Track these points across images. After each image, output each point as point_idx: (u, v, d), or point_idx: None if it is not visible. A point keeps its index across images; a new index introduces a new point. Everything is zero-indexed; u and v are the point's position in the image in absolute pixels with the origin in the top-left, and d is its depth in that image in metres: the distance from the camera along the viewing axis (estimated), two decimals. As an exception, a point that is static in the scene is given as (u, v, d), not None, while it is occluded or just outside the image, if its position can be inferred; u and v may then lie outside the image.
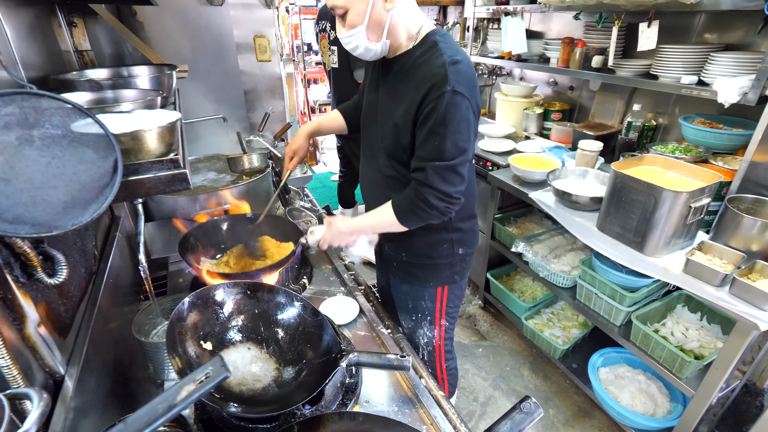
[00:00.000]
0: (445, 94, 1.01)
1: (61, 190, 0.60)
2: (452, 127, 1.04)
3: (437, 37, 1.10)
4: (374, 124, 1.26)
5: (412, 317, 1.47)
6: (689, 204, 1.40)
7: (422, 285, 1.39)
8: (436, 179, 1.08)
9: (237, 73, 2.70)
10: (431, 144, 1.07)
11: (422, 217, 1.15)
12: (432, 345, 1.51)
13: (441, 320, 1.46)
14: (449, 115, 1.03)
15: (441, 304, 1.43)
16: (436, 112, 1.03)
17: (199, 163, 1.90)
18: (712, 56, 1.74)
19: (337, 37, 1.11)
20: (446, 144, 1.05)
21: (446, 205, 1.12)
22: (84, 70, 1.18)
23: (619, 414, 1.79)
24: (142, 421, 0.43)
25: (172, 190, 0.70)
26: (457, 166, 1.09)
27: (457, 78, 1.02)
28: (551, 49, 2.50)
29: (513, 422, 0.69)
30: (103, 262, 1.11)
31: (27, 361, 0.69)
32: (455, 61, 1.04)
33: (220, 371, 0.48)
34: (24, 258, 0.67)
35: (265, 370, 0.97)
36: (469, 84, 1.05)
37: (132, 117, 0.74)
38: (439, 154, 1.06)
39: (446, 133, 1.04)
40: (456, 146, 1.06)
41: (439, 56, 1.05)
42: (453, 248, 1.33)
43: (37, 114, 0.60)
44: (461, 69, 1.04)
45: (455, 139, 1.05)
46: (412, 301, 1.44)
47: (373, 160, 1.31)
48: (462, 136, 1.06)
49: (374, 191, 1.34)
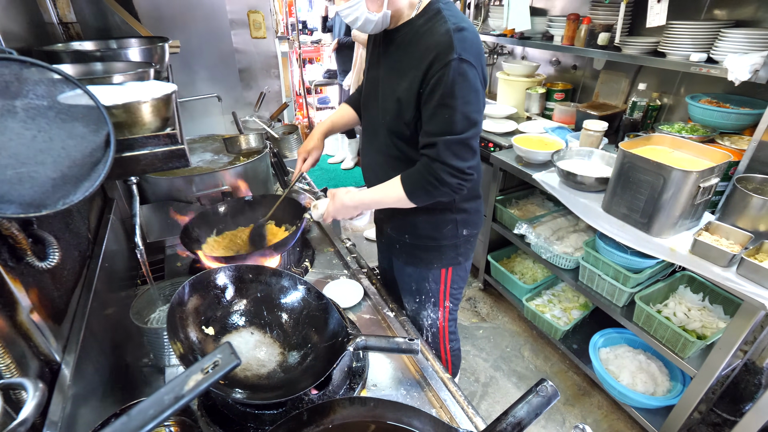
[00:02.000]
0: (452, 62, 0.95)
1: (50, 166, 0.55)
2: (461, 98, 0.99)
3: (441, 5, 1.04)
4: (375, 102, 1.20)
5: (415, 299, 1.45)
6: (698, 184, 1.37)
7: (426, 267, 1.36)
8: (448, 154, 1.03)
9: (231, 51, 2.60)
10: (440, 117, 1.01)
11: (433, 194, 1.10)
12: (436, 327, 1.50)
13: (445, 302, 1.44)
14: (457, 85, 0.97)
15: (445, 286, 1.40)
16: (443, 82, 0.97)
17: (194, 143, 1.84)
18: (722, 33, 1.69)
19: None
20: (456, 116, 1.00)
21: (458, 181, 1.07)
22: (70, 42, 1.11)
23: (619, 393, 1.80)
24: (148, 413, 0.39)
25: (169, 167, 0.65)
26: (468, 140, 1.04)
27: (463, 45, 0.97)
28: (555, 26, 2.42)
29: (530, 406, 0.66)
30: (98, 245, 1.06)
31: (20, 349, 0.65)
32: (460, 28, 0.98)
33: (229, 359, 0.44)
34: (12, 241, 0.63)
35: (269, 355, 0.94)
36: (476, 52, 0.99)
37: (124, 89, 0.68)
38: (450, 127, 1.01)
39: (455, 104, 0.99)
40: (467, 118, 1.01)
41: (443, 24, 0.99)
42: (457, 229, 1.30)
43: (19, 83, 0.54)
44: (467, 36, 0.98)
45: (466, 111, 1.00)
46: (416, 283, 1.41)
47: (374, 138, 1.26)
48: (472, 107, 1.01)
49: (377, 171, 1.29)
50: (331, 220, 1.24)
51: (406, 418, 0.72)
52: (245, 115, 2.38)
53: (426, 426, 0.72)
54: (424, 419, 0.72)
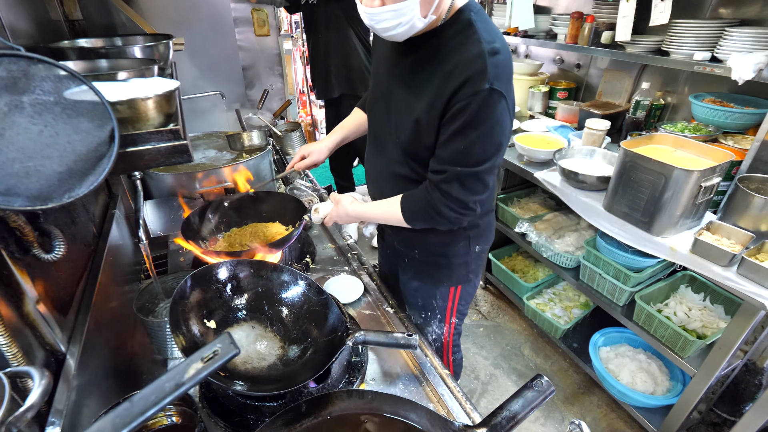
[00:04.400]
0: (482, 92, 0.86)
1: (56, 160, 0.56)
2: (483, 131, 0.90)
3: (473, 15, 0.92)
4: (386, 114, 1.10)
5: (421, 314, 1.39)
6: (700, 183, 1.37)
7: (434, 284, 1.30)
8: (455, 186, 0.96)
9: (235, 49, 2.61)
10: (456, 146, 0.93)
11: (430, 222, 1.05)
12: (440, 341, 1.44)
13: (451, 318, 1.39)
14: (482, 116, 0.89)
15: (453, 303, 1.35)
16: (467, 111, 0.89)
17: (197, 140, 1.85)
18: (726, 31, 1.68)
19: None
20: (474, 149, 0.92)
21: (458, 215, 1.01)
22: (76, 40, 1.12)
23: (619, 392, 1.81)
24: (149, 399, 0.41)
25: (172, 162, 0.66)
26: (482, 173, 0.96)
27: (497, 72, 0.87)
28: (559, 24, 2.42)
29: (525, 400, 0.67)
30: (102, 239, 1.08)
31: (27, 339, 0.67)
32: (495, 51, 0.88)
33: (229, 348, 0.46)
34: (19, 233, 0.64)
35: (270, 349, 0.96)
36: (507, 79, 0.91)
37: (128, 85, 0.70)
38: (464, 158, 0.93)
39: (475, 136, 0.91)
40: (484, 151, 0.93)
41: (476, 42, 0.88)
42: (469, 246, 1.23)
43: (26, 79, 0.56)
44: (501, 61, 0.89)
45: (484, 144, 0.92)
46: (423, 299, 1.36)
47: (383, 153, 1.16)
48: (492, 140, 0.93)
49: (382, 186, 1.20)
50: (331, 224, 1.22)
51: (403, 411, 0.74)
52: (248, 113, 2.40)
53: (422, 419, 0.73)
54: (421, 412, 0.73)
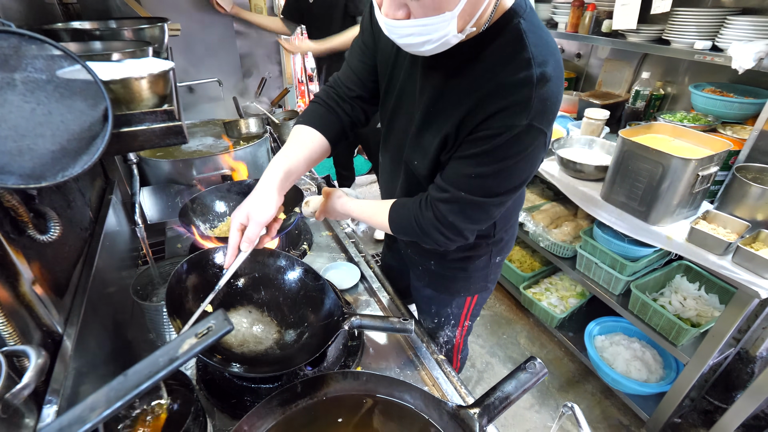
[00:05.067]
0: (516, 128, 0.71)
1: (49, 139, 0.56)
2: (504, 166, 0.76)
3: (522, 23, 0.73)
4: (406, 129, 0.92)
5: (434, 320, 1.32)
6: (697, 172, 1.37)
7: (450, 295, 1.22)
8: (453, 211, 0.83)
9: (232, 36, 2.59)
10: (467, 170, 0.79)
11: (414, 238, 0.94)
12: (452, 343, 1.39)
13: (465, 322, 1.33)
14: (510, 151, 0.74)
15: (468, 311, 1.28)
16: (492, 141, 0.74)
17: (195, 128, 1.84)
18: (728, 20, 1.67)
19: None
20: (487, 181, 0.79)
21: (446, 240, 0.88)
22: (70, 22, 1.11)
23: (613, 380, 1.83)
24: (143, 373, 0.41)
25: (167, 143, 0.66)
26: (489, 206, 0.83)
27: (543, 107, 0.71)
28: (560, 12, 2.39)
29: (518, 381, 0.68)
30: (99, 224, 1.08)
31: (23, 319, 0.67)
32: (545, 78, 0.71)
33: (222, 325, 0.46)
34: (14, 213, 0.64)
35: (266, 333, 0.96)
36: (553, 112, 0.74)
37: (122, 65, 0.69)
38: (472, 186, 0.80)
39: (493, 169, 0.77)
40: (499, 185, 0.80)
41: (525, 64, 0.71)
42: (491, 258, 1.14)
43: (18, 56, 0.55)
44: (551, 91, 0.72)
45: (501, 179, 0.78)
46: (437, 307, 1.28)
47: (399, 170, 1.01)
48: (513, 175, 0.79)
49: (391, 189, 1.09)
50: (323, 218, 1.15)
51: (398, 393, 0.75)
52: (246, 101, 2.39)
53: (417, 400, 0.74)
54: (415, 393, 0.74)
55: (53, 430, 0.38)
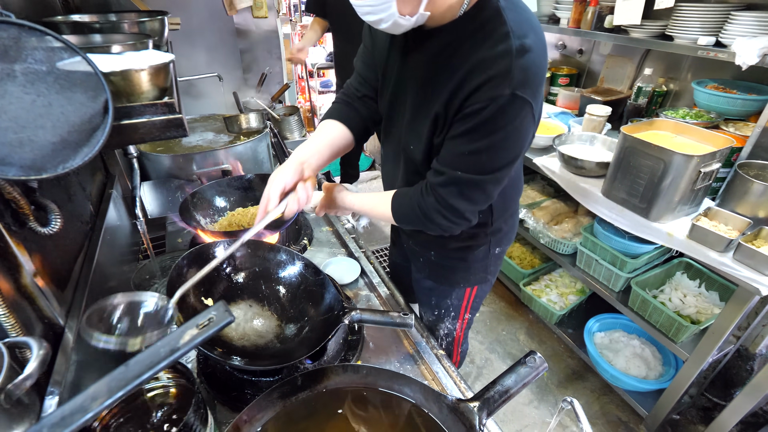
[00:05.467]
0: (501, 98, 0.74)
1: (49, 130, 0.56)
2: (495, 139, 0.79)
3: (500, 2, 0.77)
4: (401, 115, 0.96)
5: (434, 312, 1.34)
6: (699, 169, 1.37)
7: (450, 286, 1.24)
8: (452, 192, 0.85)
9: (232, 31, 2.58)
10: (460, 149, 0.82)
11: (419, 226, 0.95)
12: (452, 336, 1.41)
13: (465, 314, 1.34)
14: (497, 124, 0.77)
15: (468, 302, 1.29)
16: (479, 115, 0.77)
17: (195, 122, 1.84)
18: (732, 15, 1.66)
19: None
20: (481, 157, 0.81)
21: (450, 224, 0.90)
22: (69, 15, 1.11)
23: (612, 376, 1.83)
24: (144, 363, 0.41)
25: (167, 136, 0.66)
26: (485, 183, 0.85)
27: (525, 76, 0.74)
28: (562, 8, 2.38)
29: (518, 375, 0.68)
30: (100, 218, 1.08)
31: (25, 311, 0.68)
32: (525, 49, 0.74)
33: (223, 316, 0.46)
34: (15, 205, 0.64)
35: (267, 327, 0.96)
36: (536, 82, 0.77)
37: (122, 58, 0.69)
38: (466, 164, 0.83)
39: (484, 144, 0.79)
40: (492, 161, 0.82)
41: (503, 37, 0.74)
42: (490, 249, 1.15)
43: (18, 47, 0.55)
44: (531, 61, 0.75)
45: (495, 153, 0.81)
46: (436, 299, 1.30)
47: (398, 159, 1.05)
48: (506, 149, 0.81)
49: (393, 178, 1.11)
50: (323, 214, 1.14)
51: (398, 386, 0.75)
52: (246, 96, 2.38)
53: (416, 393, 0.74)
54: (415, 387, 0.74)
55: (56, 419, 0.38)
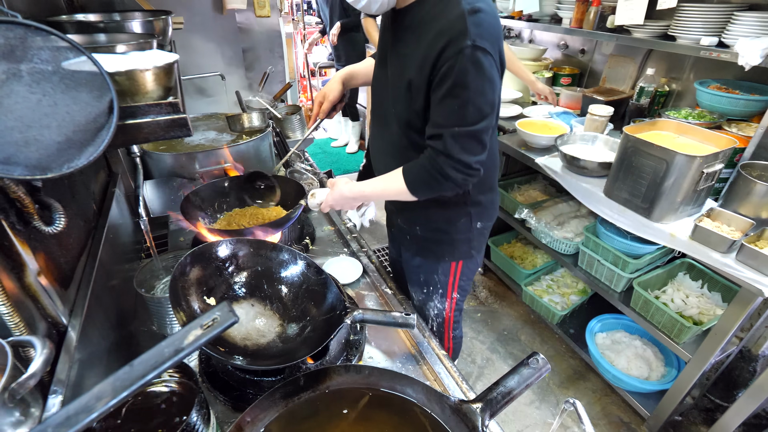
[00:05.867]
0: (465, 50, 0.88)
1: (54, 130, 0.56)
2: (474, 89, 0.92)
3: None
4: (385, 89, 1.13)
5: (423, 290, 1.41)
6: (702, 169, 1.36)
7: (436, 260, 1.32)
8: (455, 147, 0.97)
9: (234, 30, 2.58)
10: (449, 108, 0.95)
11: (435, 188, 1.05)
12: (442, 317, 1.46)
13: (453, 293, 1.40)
14: (470, 75, 0.90)
15: (454, 279, 1.36)
16: (454, 71, 0.90)
17: (197, 121, 1.84)
18: (735, 16, 1.66)
19: None
20: (467, 108, 0.94)
21: (464, 176, 1.01)
22: (74, 14, 1.11)
23: (614, 377, 1.83)
24: (149, 363, 0.41)
25: (171, 136, 0.66)
26: (478, 133, 0.97)
27: (479, 30, 0.89)
28: (564, 8, 2.37)
29: (521, 377, 0.68)
30: (102, 217, 1.08)
31: (29, 310, 0.68)
32: (476, 9, 0.90)
33: (227, 316, 0.46)
34: (20, 204, 0.64)
35: (269, 326, 0.97)
36: (493, 37, 0.92)
37: (127, 58, 0.69)
38: (459, 119, 0.95)
39: (466, 95, 0.92)
40: (478, 110, 0.94)
41: (456, 4, 0.91)
42: (471, 222, 1.24)
43: (24, 47, 0.55)
44: (483, 19, 0.90)
45: (477, 102, 0.94)
46: (424, 275, 1.37)
47: (385, 128, 1.19)
48: (485, 98, 0.94)
49: (386, 161, 1.21)
50: (329, 210, 1.20)
51: (400, 386, 0.75)
52: (249, 95, 2.38)
53: (419, 394, 0.74)
54: (418, 388, 0.74)
55: (61, 419, 0.38)
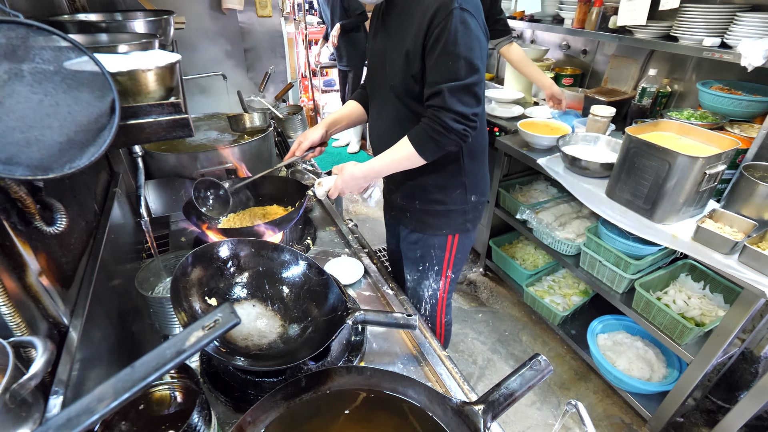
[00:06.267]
0: (453, 11, 0.99)
1: (56, 130, 0.56)
2: (464, 45, 1.02)
3: None
4: (382, 70, 1.22)
5: (418, 267, 1.46)
6: (704, 170, 1.36)
7: (434, 233, 1.38)
8: (452, 100, 1.05)
9: (236, 30, 2.58)
10: (444, 65, 1.04)
11: (440, 142, 1.11)
12: (435, 298, 1.51)
13: (448, 271, 1.45)
14: (459, 33, 1.01)
15: (450, 254, 1.42)
16: (446, 31, 1.01)
17: (199, 121, 1.84)
18: (737, 16, 1.65)
19: None
20: (459, 63, 1.03)
21: (464, 127, 1.09)
22: (76, 14, 1.11)
23: (615, 378, 1.83)
24: (151, 365, 0.41)
25: (173, 136, 0.66)
26: (472, 86, 1.06)
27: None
28: (566, 8, 2.37)
29: (523, 378, 0.68)
30: (104, 217, 1.08)
31: (30, 310, 0.67)
32: None
33: (229, 318, 0.46)
34: (21, 204, 0.64)
35: (270, 327, 0.96)
36: (474, 4, 1.05)
37: (129, 58, 0.69)
38: (454, 74, 1.04)
39: (458, 51, 1.02)
40: (470, 64, 1.03)
41: None
42: (466, 194, 1.32)
43: (25, 47, 0.55)
44: None
45: (469, 57, 1.03)
46: (421, 250, 1.43)
47: (383, 108, 1.28)
48: (475, 53, 1.04)
49: (385, 138, 1.28)
50: (337, 195, 1.24)
51: (402, 388, 0.74)
52: (250, 95, 2.38)
53: (420, 396, 0.74)
54: (419, 389, 0.73)
55: (62, 420, 0.38)
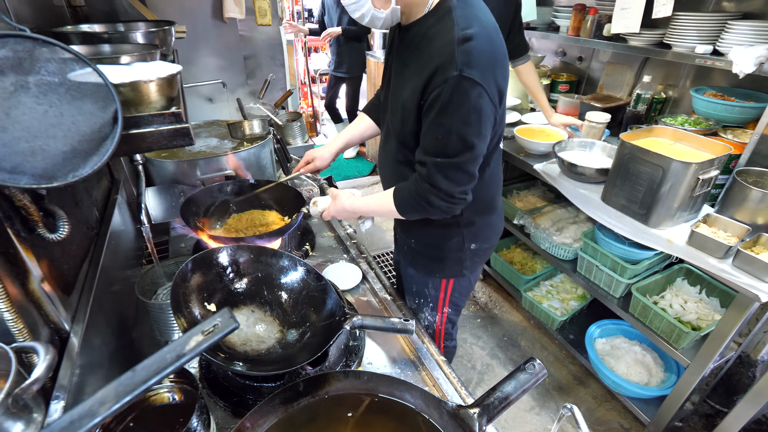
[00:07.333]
0: (450, 80, 0.87)
1: (60, 140, 0.57)
2: (458, 119, 0.90)
3: (453, 3, 0.93)
4: (387, 100, 1.15)
5: (415, 300, 1.42)
6: (697, 176, 1.38)
7: (427, 274, 1.32)
8: (438, 177, 0.97)
9: (236, 38, 2.61)
10: (433, 136, 0.95)
11: (422, 213, 1.06)
12: (432, 328, 1.46)
13: (444, 308, 1.40)
14: (454, 104, 0.89)
15: (445, 295, 1.36)
16: (440, 100, 0.89)
17: (199, 128, 1.86)
18: (729, 25, 1.68)
19: None
20: (450, 138, 0.92)
21: (449, 204, 1.01)
22: (79, 25, 1.13)
23: (613, 383, 1.83)
24: (151, 369, 0.42)
25: (174, 145, 0.67)
26: (463, 164, 0.96)
27: (467, 59, 0.86)
28: (561, 16, 2.41)
29: (518, 382, 0.69)
30: (105, 223, 1.09)
31: (32, 316, 0.69)
32: (467, 38, 0.87)
33: (228, 322, 0.47)
34: (24, 212, 0.66)
35: (269, 332, 0.97)
36: (484, 65, 0.88)
37: (131, 69, 0.71)
38: (442, 149, 0.94)
39: (450, 125, 0.91)
40: (462, 141, 0.93)
41: (449, 29, 0.89)
42: (463, 243, 1.22)
43: (31, 59, 0.57)
44: (474, 47, 0.87)
45: (462, 133, 0.92)
46: (416, 286, 1.38)
47: (387, 139, 1.21)
48: (471, 129, 0.92)
49: (386, 173, 1.24)
50: (329, 219, 1.23)
51: (398, 392, 0.75)
52: (250, 102, 2.41)
53: (417, 399, 0.75)
54: (416, 393, 0.75)
55: (65, 423, 0.39)
